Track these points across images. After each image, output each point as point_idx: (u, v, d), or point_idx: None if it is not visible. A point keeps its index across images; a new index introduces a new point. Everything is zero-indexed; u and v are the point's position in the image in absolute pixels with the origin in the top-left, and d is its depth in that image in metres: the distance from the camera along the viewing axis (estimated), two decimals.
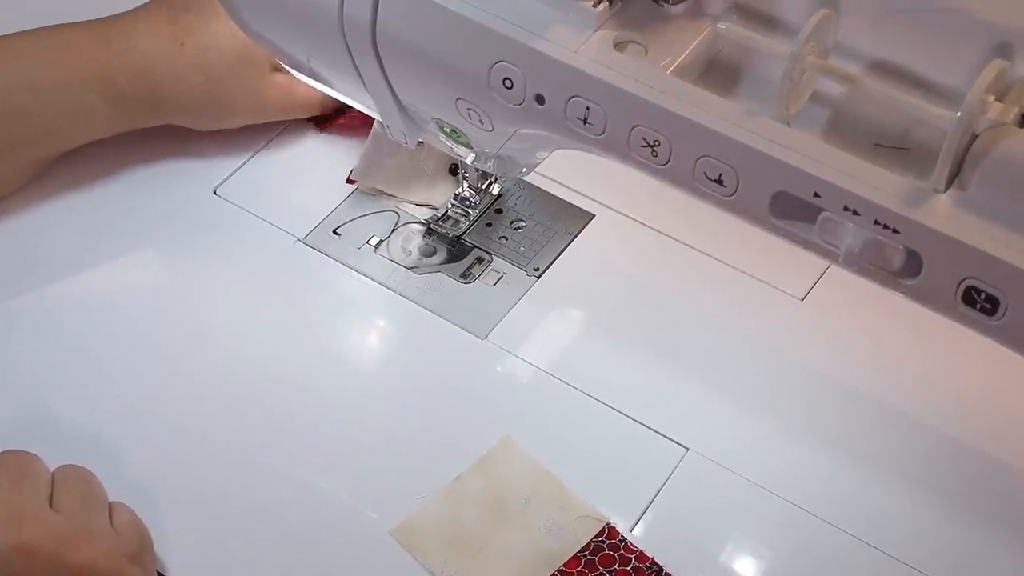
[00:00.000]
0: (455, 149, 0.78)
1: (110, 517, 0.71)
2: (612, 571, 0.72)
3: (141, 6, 0.88)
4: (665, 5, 0.68)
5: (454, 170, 0.88)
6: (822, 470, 0.76)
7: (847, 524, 0.74)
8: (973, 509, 0.75)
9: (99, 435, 0.78)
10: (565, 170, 0.89)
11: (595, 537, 0.73)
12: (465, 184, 0.87)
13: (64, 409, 0.79)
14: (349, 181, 0.89)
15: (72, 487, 0.70)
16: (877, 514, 0.74)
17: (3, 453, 0.71)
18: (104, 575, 0.67)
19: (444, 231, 0.87)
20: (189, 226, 0.88)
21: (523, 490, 0.75)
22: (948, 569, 0.72)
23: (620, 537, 0.73)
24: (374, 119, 0.81)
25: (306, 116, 0.92)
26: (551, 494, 0.75)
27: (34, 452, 0.72)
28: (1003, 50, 0.61)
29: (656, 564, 0.72)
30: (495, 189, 0.88)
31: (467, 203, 0.88)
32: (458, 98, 0.72)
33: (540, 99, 0.68)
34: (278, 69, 0.88)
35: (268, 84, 0.89)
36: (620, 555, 0.72)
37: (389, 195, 0.88)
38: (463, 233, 0.87)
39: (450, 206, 0.88)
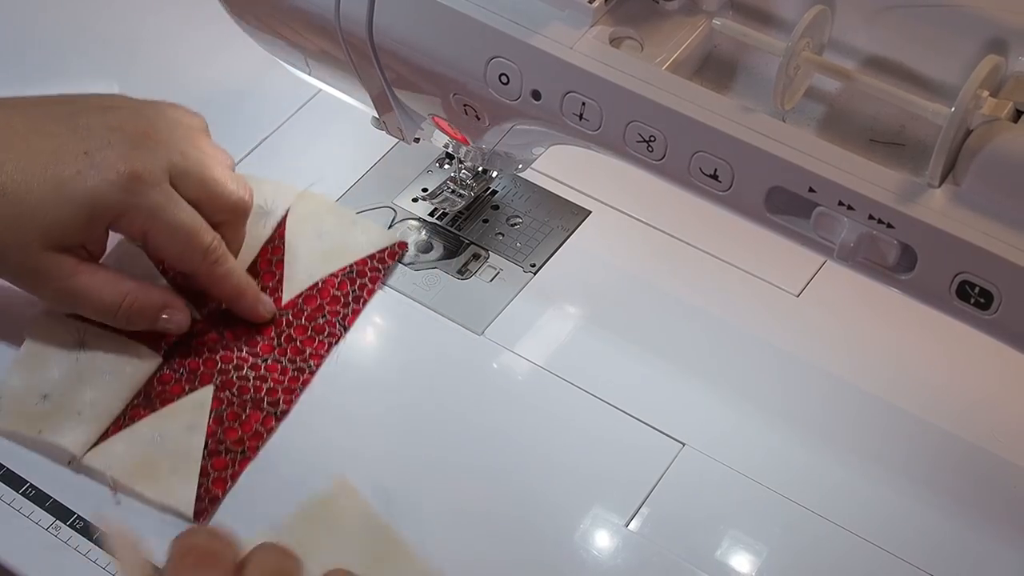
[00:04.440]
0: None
1: None
2: None
3: None
4: (661, 1, 0.68)
5: (450, 156, 0.88)
6: (818, 465, 0.76)
7: (844, 520, 0.74)
8: (957, 497, 0.75)
9: None
10: (561, 167, 0.89)
11: None
12: (461, 167, 0.87)
13: None
14: None
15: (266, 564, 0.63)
16: (874, 509, 0.75)
17: (192, 532, 0.66)
18: None
19: (439, 208, 0.88)
20: None
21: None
22: (945, 565, 0.73)
23: None
24: None
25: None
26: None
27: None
28: (997, 46, 0.62)
29: None
30: (494, 172, 0.88)
31: (462, 185, 0.88)
32: (454, 94, 0.73)
33: (536, 95, 0.68)
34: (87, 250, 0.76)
35: (44, 264, 0.75)
36: None
37: None
38: (457, 216, 0.88)
39: (447, 187, 0.88)
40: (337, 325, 0.80)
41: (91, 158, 0.74)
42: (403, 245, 0.85)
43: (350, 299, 0.81)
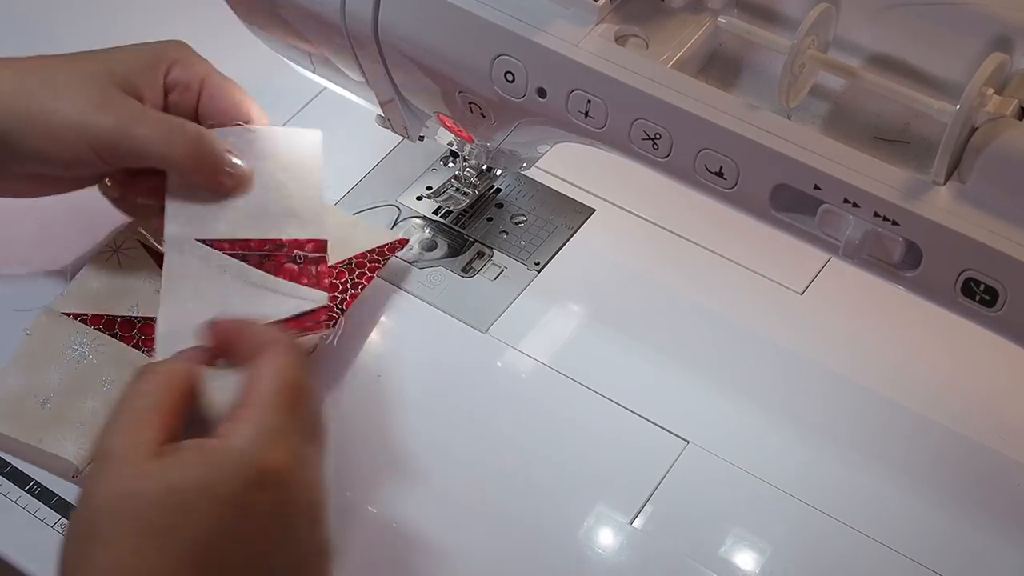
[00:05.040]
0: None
1: None
2: None
3: None
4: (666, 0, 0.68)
5: (454, 154, 0.88)
6: (821, 463, 0.77)
7: (847, 517, 0.74)
8: (961, 494, 0.75)
9: None
10: (566, 165, 0.89)
11: None
12: (465, 166, 0.87)
13: None
14: None
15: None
16: (878, 506, 0.75)
17: (291, 360, 0.66)
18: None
19: (444, 206, 0.88)
20: None
21: None
22: (949, 562, 0.73)
23: None
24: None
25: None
26: None
27: None
28: (1002, 43, 0.62)
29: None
30: (498, 171, 0.88)
31: (467, 183, 0.88)
32: (459, 91, 0.73)
33: (542, 92, 0.69)
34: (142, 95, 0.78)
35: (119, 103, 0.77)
36: None
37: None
38: (462, 215, 0.88)
39: (451, 185, 0.88)
40: (335, 309, 0.79)
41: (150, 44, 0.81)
42: (404, 241, 0.84)
43: (348, 286, 0.80)
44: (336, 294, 0.79)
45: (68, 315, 0.79)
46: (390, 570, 0.73)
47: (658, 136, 0.66)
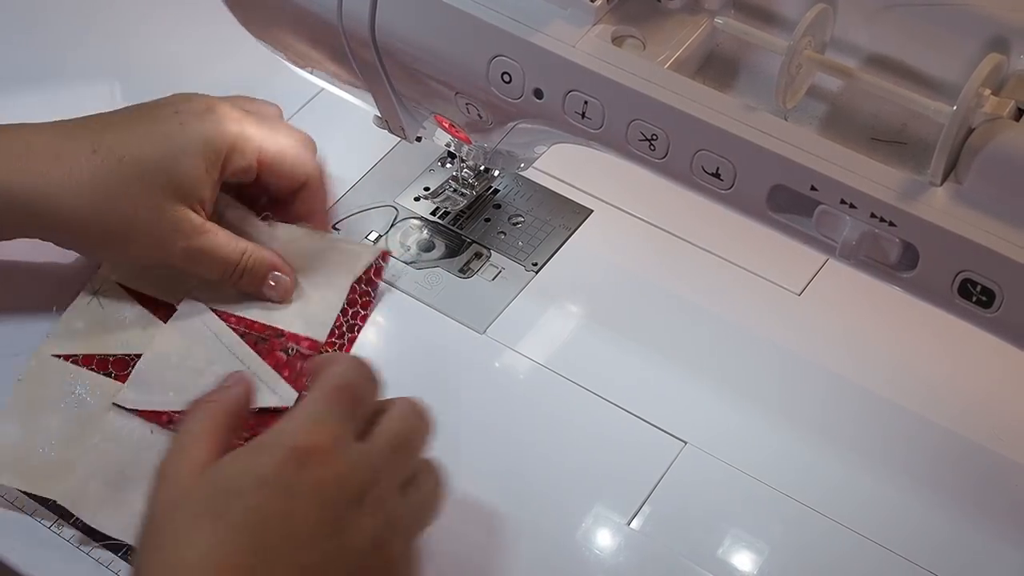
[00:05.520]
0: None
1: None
2: None
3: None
4: (663, 0, 0.68)
5: (452, 155, 0.88)
6: (819, 464, 0.77)
7: (845, 518, 0.74)
8: (958, 495, 0.75)
9: None
10: (563, 166, 0.89)
11: None
12: (463, 167, 0.87)
13: None
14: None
15: (395, 425, 0.66)
16: (875, 507, 0.75)
17: (346, 364, 0.67)
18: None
19: (441, 207, 0.88)
20: None
21: None
22: (946, 563, 0.73)
23: None
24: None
25: (214, 277, 0.79)
26: None
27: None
28: (999, 44, 0.62)
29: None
30: (496, 171, 0.88)
31: (464, 184, 0.88)
32: (456, 92, 0.73)
33: (539, 93, 0.69)
34: (194, 206, 0.76)
35: (174, 220, 0.76)
36: None
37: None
38: (459, 215, 0.88)
39: (449, 186, 0.88)
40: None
41: (182, 115, 0.77)
42: (386, 255, 0.84)
43: (344, 330, 0.81)
44: (333, 340, 0.79)
45: (59, 357, 0.78)
46: None
47: (655, 137, 0.66)
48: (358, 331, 0.81)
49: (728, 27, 0.66)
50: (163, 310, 0.80)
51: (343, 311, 0.81)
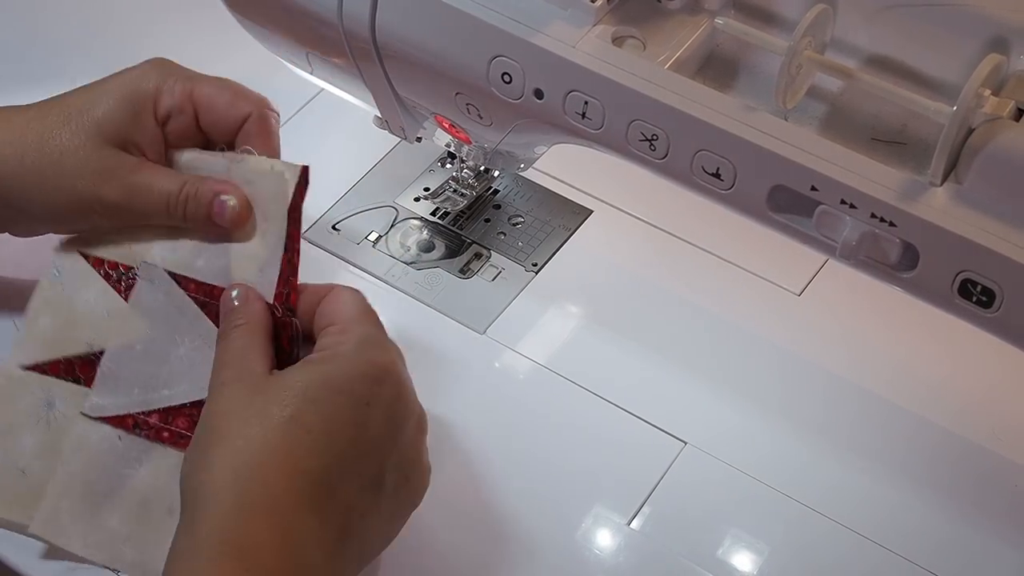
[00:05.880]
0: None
1: None
2: None
3: None
4: (663, 1, 0.68)
5: (452, 155, 0.88)
6: (819, 464, 0.77)
7: (845, 518, 0.74)
8: (958, 495, 0.75)
9: None
10: (563, 166, 0.89)
11: None
12: (463, 167, 0.87)
13: None
14: None
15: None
16: (875, 507, 0.75)
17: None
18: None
19: (441, 207, 0.88)
20: None
21: None
22: (946, 563, 0.73)
23: None
24: None
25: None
26: None
27: None
28: (998, 44, 0.62)
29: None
30: (496, 172, 0.88)
31: (464, 184, 0.88)
32: (457, 92, 0.73)
33: (539, 93, 0.69)
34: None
35: (103, 160, 0.74)
36: None
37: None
38: (459, 216, 0.88)
39: (449, 186, 0.88)
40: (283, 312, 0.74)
41: (123, 71, 0.77)
42: (305, 170, 0.75)
43: (291, 257, 0.74)
44: (282, 289, 0.73)
45: (27, 368, 0.75)
46: (387, 570, 0.73)
47: (655, 137, 0.66)
48: (297, 254, 0.74)
49: (728, 27, 0.66)
50: (123, 283, 0.76)
51: (287, 241, 0.75)
